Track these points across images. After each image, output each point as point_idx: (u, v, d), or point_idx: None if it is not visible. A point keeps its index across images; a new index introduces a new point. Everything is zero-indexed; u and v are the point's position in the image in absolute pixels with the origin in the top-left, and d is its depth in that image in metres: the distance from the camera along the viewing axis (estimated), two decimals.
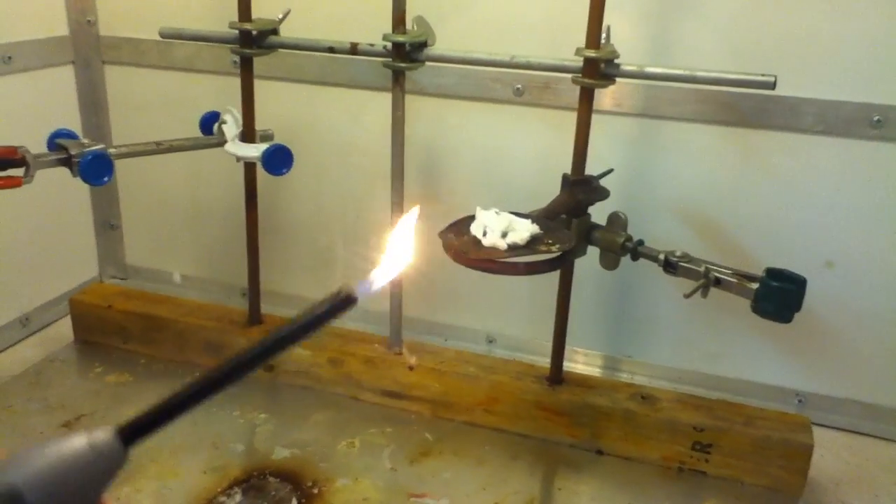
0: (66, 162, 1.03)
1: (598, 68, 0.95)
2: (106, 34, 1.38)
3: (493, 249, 0.87)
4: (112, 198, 1.49)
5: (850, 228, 1.09)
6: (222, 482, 1.00)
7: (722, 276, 0.92)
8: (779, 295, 0.87)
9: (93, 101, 1.42)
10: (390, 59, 1.03)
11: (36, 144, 1.03)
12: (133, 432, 0.36)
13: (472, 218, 0.94)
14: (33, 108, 1.30)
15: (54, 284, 1.40)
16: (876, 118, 1.03)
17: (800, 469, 1.02)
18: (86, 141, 1.06)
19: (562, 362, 1.12)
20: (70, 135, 1.07)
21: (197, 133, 1.21)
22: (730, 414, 1.06)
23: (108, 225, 1.50)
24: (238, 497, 0.98)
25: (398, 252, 0.45)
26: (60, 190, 1.33)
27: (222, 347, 1.23)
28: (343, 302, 0.38)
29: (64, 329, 1.34)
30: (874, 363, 1.14)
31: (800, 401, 1.19)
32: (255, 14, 1.10)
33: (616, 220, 1.01)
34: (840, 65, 1.03)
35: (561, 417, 1.09)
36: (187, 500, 0.97)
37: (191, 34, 1.17)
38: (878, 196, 1.07)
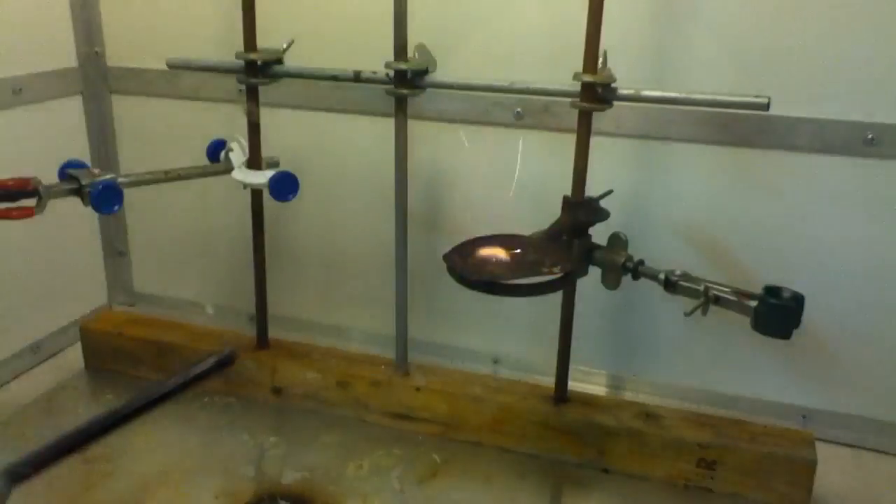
0: (77, 192, 1.05)
1: (595, 92, 0.97)
2: (113, 65, 1.41)
3: (496, 270, 0.89)
4: (120, 225, 1.51)
5: (848, 244, 1.10)
6: None
7: (721, 295, 0.93)
8: (777, 312, 0.88)
9: (101, 131, 1.44)
10: (393, 86, 1.05)
11: (46, 174, 1.05)
12: (18, 473, 0.39)
13: (477, 240, 0.95)
14: (43, 139, 1.33)
15: (64, 311, 1.42)
16: (869, 136, 1.05)
17: (804, 485, 1.02)
18: (96, 171, 1.08)
19: (567, 382, 1.13)
20: (80, 165, 1.09)
21: (204, 161, 1.23)
22: (734, 431, 1.07)
23: (116, 252, 1.52)
24: None
25: None
26: (69, 218, 1.34)
27: (231, 372, 1.24)
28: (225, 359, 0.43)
29: (75, 355, 1.35)
30: (878, 379, 1.15)
31: (804, 417, 1.19)
32: (261, 43, 1.12)
33: (617, 241, 1.03)
34: (835, 85, 1.05)
35: (567, 436, 1.10)
36: None
37: (197, 64, 1.19)
38: (874, 211, 1.08)
